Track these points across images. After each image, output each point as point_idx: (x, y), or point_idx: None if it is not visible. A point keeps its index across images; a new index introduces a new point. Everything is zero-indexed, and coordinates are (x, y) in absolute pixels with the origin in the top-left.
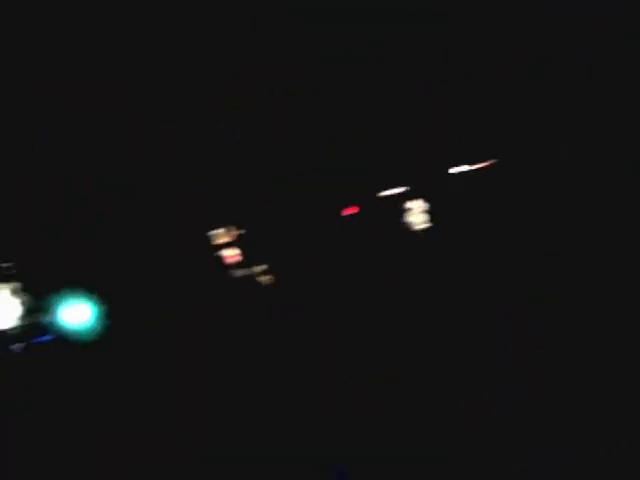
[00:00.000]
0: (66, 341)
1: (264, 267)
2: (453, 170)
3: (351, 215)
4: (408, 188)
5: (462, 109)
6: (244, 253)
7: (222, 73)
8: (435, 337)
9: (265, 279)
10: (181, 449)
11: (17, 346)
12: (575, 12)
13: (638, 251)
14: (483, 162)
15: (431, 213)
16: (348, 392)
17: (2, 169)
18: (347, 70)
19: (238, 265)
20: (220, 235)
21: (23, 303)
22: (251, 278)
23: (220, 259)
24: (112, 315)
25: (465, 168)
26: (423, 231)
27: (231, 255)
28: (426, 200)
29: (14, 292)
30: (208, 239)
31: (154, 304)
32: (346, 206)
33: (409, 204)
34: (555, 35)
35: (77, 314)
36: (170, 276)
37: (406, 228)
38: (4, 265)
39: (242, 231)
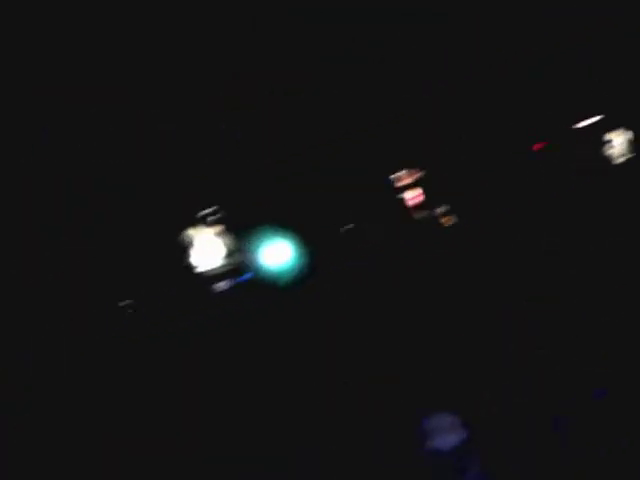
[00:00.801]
0: (266, 281)
1: (446, 208)
2: None
3: (542, 150)
4: (607, 117)
5: None
6: (426, 194)
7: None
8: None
9: (447, 220)
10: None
11: (220, 285)
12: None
13: None
14: None
15: (635, 144)
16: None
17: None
18: None
19: (420, 207)
20: (402, 177)
21: (226, 245)
22: (433, 220)
23: (402, 201)
24: (308, 256)
25: None
26: (625, 165)
27: (413, 197)
28: (628, 129)
29: (217, 234)
30: (391, 181)
31: (342, 245)
32: (536, 141)
33: (608, 135)
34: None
35: (277, 255)
36: (356, 218)
37: (605, 163)
38: (207, 210)
39: (424, 172)
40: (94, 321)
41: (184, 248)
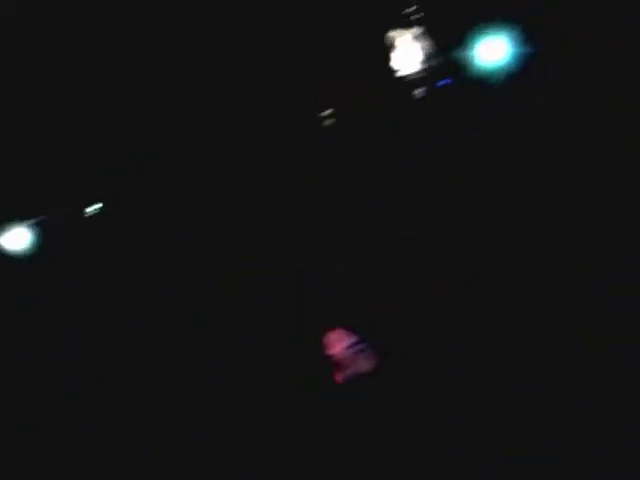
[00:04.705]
0: (474, 82)
1: None
2: None
3: None
4: None
5: None
6: None
7: None
8: None
9: None
10: None
11: (419, 91)
12: None
13: None
14: None
15: None
16: None
17: None
18: None
19: None
20: None
21: (426, 47)
22: None
23: None
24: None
25: None
26: None
27: None
28: None
29: (416, 37)
30: None
31: None
32: None
33: None
34: None
35: (488, 52)
36: None
37: None
38: (406, 10)
39: None
40: None
41: (383, 51)
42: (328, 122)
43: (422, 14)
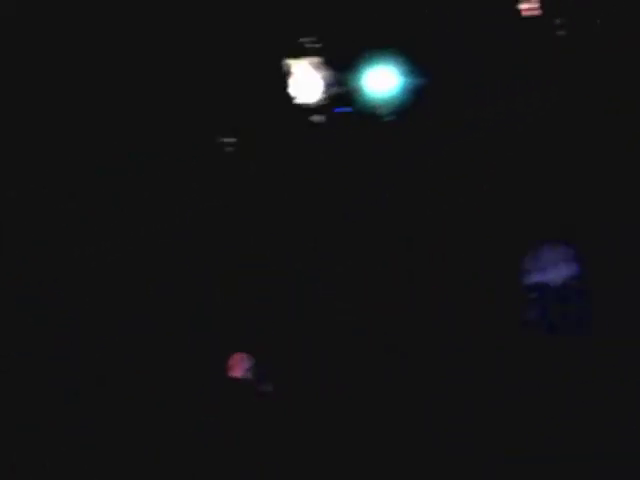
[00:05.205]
0: (367, 112)
1: (562, 20)
2: None
3: None
4: None
5: None
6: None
7: None
8: None
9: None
10: None
11: (317, 118)
12: None
13: None
14: None
15: None
16: None
17: None
18: None
19: (535, 21)
20: None
21: (324, 76)
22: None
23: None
24: (417, 85)
25: None
26: None
27: (528, 8)
28: None
29: (314, 66)
30: None
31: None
32: None
33: None
34: None
35: (381, 83)
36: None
37: None
38: (304, 39)
39: None
40: None
41: (282, 79)
42: (230, 149)
43: (319, 44)
